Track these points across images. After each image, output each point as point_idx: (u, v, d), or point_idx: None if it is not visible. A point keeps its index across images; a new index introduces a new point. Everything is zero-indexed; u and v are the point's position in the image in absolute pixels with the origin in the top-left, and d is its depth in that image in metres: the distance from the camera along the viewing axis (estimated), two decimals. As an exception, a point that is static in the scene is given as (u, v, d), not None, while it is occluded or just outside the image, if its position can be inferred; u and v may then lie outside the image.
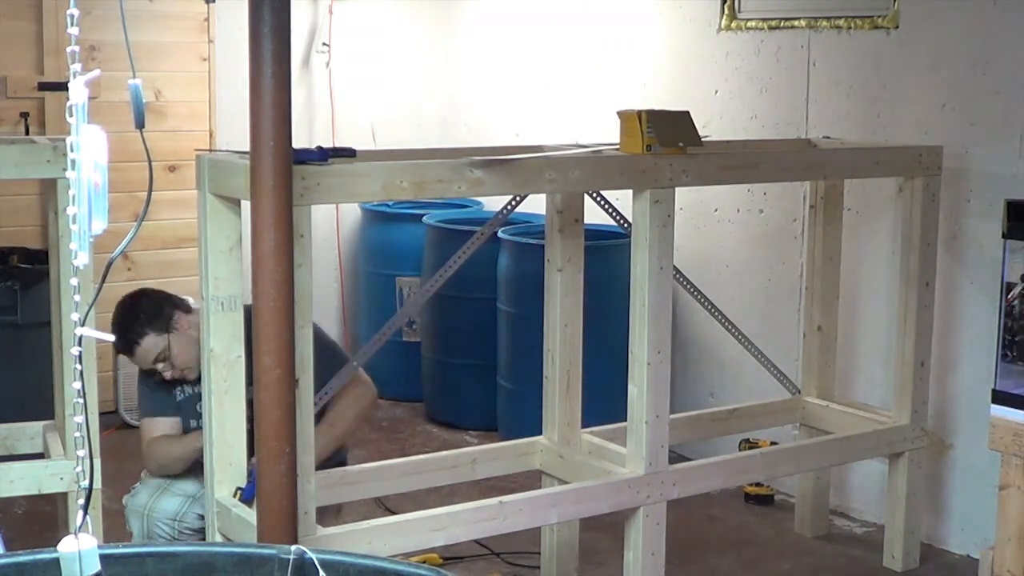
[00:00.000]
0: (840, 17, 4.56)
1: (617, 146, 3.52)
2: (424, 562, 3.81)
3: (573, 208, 3.74)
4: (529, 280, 4.59)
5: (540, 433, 3.90)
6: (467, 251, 3.66)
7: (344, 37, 6.23)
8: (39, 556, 1.49)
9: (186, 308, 3.65)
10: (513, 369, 5.26)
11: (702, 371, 5.16)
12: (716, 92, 5.03)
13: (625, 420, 3.52)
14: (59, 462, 3.41)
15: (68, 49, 1.45)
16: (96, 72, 1.51)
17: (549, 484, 3.82)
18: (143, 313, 3.59)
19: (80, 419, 1.52)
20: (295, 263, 2.78)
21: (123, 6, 1.84)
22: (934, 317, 4.06)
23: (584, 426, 3.89)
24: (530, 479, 4.07)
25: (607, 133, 3.88)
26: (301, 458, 2.88)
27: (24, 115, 5.25)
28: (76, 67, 1.44)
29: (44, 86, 5.29)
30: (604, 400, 4.06)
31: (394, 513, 4.06)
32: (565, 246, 3.74)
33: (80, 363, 1.52)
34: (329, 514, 3.63)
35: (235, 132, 4.99)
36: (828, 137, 4.40)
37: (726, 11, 4.97)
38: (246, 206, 2.83)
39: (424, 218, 5.73)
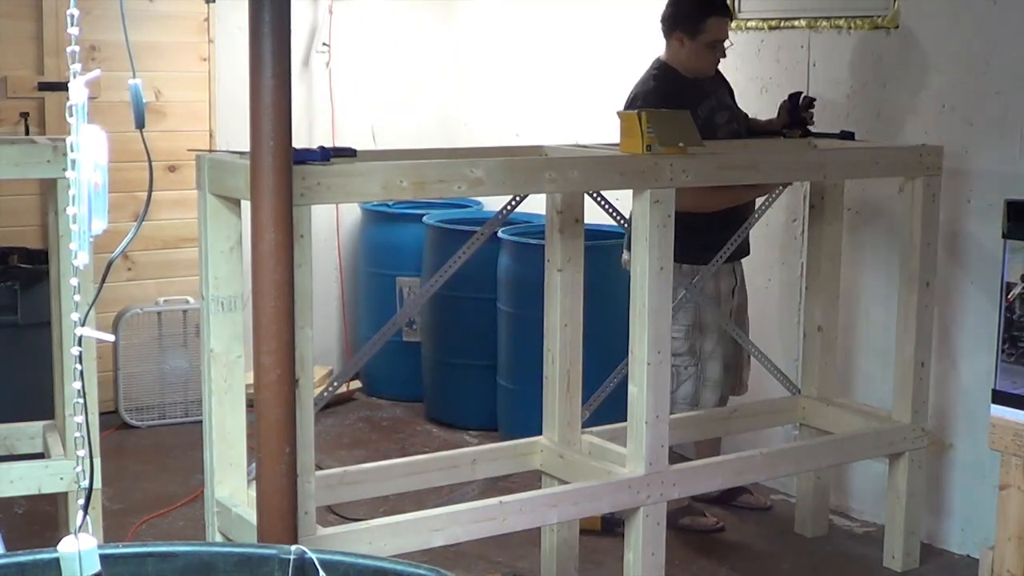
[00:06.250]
0: (840, 17, 4.56)
1: (617, 146, 3.52)
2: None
3: (573, 208, 3.74)
4: (529, 280, 4.59)
5: (540, 433, 3.90)
6: (467, 251, 3.66)
7: (344, 37, 6.22)
8: (39, 556, 1.49)
9: None
10: (513, 369, 5.26)
11: (702, 371, 5.15)
12: (716, 92, 5.02)
13: (625, 420, 3.52)
14: (59, 462, 3.41)
15: (68, 49, 1.45)
16: (96, 72, 1.51)
17: (549, 484, 3.82)
18: None
19: (80, 419, 1.52)
20: (295, 263, 2.78)
21: (123, 6, 1.84)
22: (934, 317, 4.06)
23: (584, 426, 3.89)
24: (530, 479, 4.07)
25: (607, 133, 3.88)
26: (301, 458, 2.88)
27: (24, 115, 5.25)
28: (76, 67, 1.44)
29: (44, 86, 5.28)
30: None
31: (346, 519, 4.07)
32: (565, 246, 3.74)
33: (80, 363, 1.52)
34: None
35: (235, 132, 4.99)
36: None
37: (726, 11, 4.96)
38: (246, 206, 2.83)
39: (424, 218, 5.73)
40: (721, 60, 4.32)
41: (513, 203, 3.73)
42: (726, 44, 4.27)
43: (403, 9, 6.45)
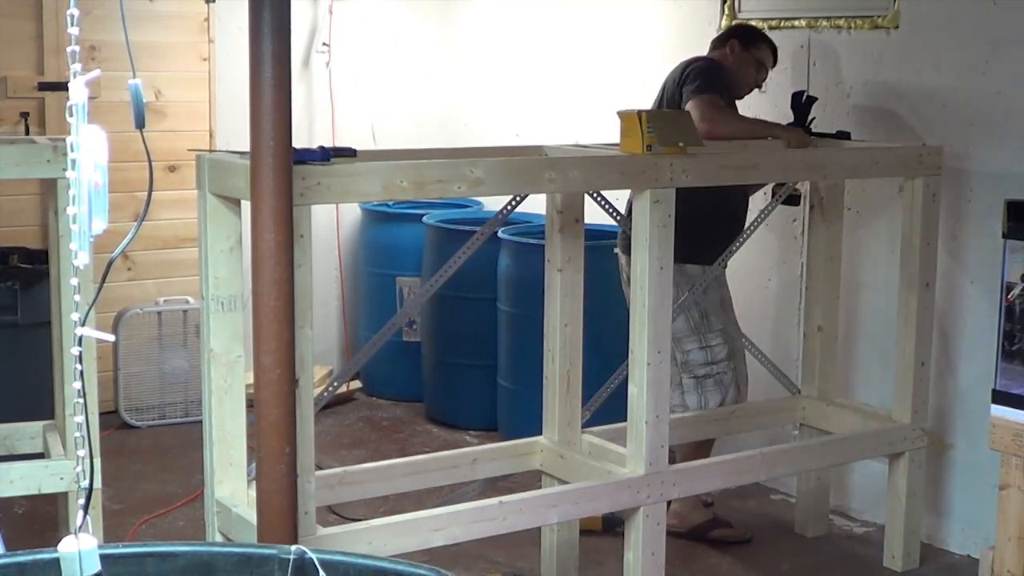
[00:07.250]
0: (840, 17, 4.56)
1: (617, 146, 3.52)
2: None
3: (573, 208, 3.74)
4: (529, 280, 4.58)
5: (540, 433, 3.90)
6: (467, 251, 3.66)
7: (344, 37, 6.22)
8: (39, 556, 1.48)
9: None
10: (513, 369, 5.26)
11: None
12: (716, 92, 5.02)
13: (625, 420, 3.52)
14: (59, 462, 3.41)
15: (68, 49, 1.45)
16: (96, 72, 1.51)
17: (549, 484, 3.82)
18: None
19: (80, 419, 1.52)
20: (295, 263, 2.78)
21: (123, 6, 1.84)
22: (934, 317, 4.06)
23: (584, 426, 3.89)
24: (530, 479, 4.07)
25: (607, 133, 3.88)
26: (301, 458, 2.88)
27: (24, 115, 5.25)
28: (76, 67, 1.44)
29: (44, 86, 5.29)
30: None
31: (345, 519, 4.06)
32: (565, 246, 3.74)
33: (80, 363, 1.52)
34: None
35: (235, 132, 5.00)
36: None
37: (726, 11, 4.97)
38: (246, 206, 2.83)
39: (424, 218, 5.73)
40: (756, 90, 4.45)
41: (513, 203, 3.74)
42: (765, 81, 4.42)
43: (403, 9, 6.45)
